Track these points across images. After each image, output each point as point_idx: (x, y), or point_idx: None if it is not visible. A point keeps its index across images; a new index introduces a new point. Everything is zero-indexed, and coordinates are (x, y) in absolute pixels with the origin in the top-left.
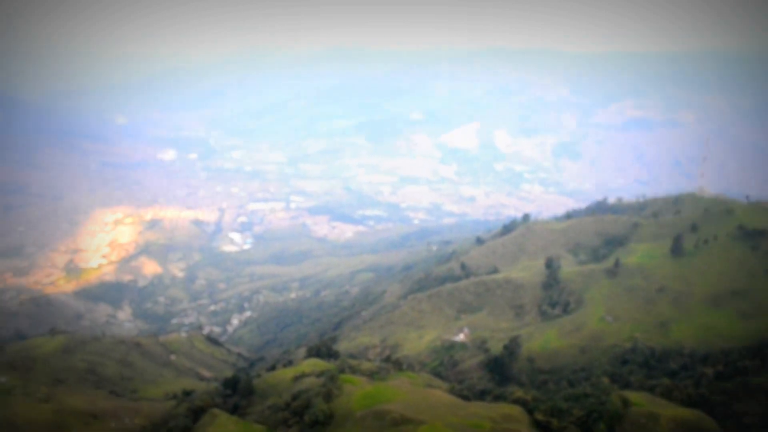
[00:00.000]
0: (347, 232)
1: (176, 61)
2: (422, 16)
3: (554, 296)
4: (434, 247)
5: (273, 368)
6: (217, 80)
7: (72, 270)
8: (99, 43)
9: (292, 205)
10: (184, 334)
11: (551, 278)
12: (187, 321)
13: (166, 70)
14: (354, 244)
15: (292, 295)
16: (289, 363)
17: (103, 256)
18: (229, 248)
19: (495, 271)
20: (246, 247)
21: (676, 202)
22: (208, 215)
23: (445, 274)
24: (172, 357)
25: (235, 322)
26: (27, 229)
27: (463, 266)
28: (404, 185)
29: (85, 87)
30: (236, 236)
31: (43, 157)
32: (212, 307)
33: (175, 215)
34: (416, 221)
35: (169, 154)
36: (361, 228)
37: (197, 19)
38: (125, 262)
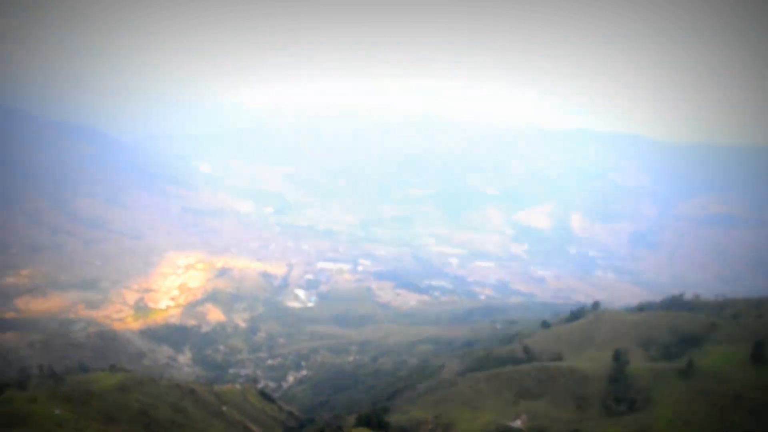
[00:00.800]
0: (411, 300)
1: (264, 116)
2: (512, 90)
3: (620, 392)
4: (498, 326)
5: None
6: (300, 138)
7: (141, 308)
8: (194, 92)
9: (360, 268)
10: (238, 386)
11: (618, 372)
12: (243, 372)
13: (254, 125)
14: (417, 314)
15: (350, 359)
16: (339, 429)
17: (172, 299)
18: (293, 304)
19: (559, 358)
20: (310, 304)
21: (759, 305)
22: (277, 269)
23: (506, 355)
24: (224, 408)
25: (290, 379)
26: (104, 264)
27: (526, 349)
28: (473, 259)
29: (176, 132)
30: (301, 293)
31: (127, 196)
32: (270, 361)
33: (245, 266)
34: (482, 297)
35: (246, 206)
36: (425, 298)
37: (292, 76)
38: (192, 306)
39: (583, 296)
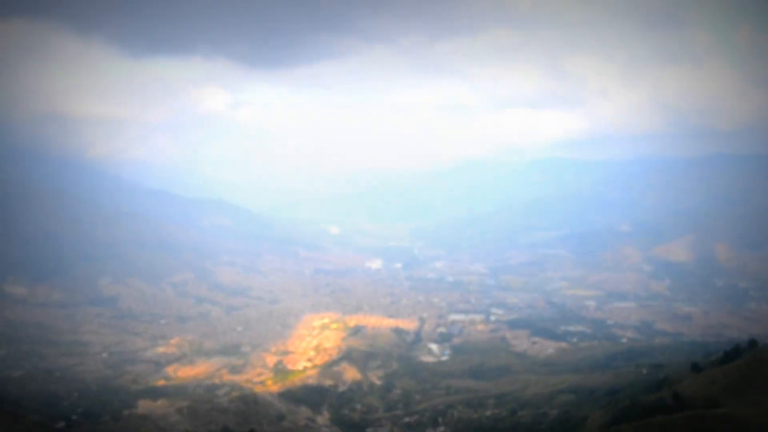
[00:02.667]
0: (548, 348)
1: (389, 175)
2: (640, 120)
3: None
4: (644, 371)
5: None
6: (426, 193)
7: (280, 371)
8: (316, 160)
9: (492, 318)
10: None
11: None
12: (380, 431)
13: (380, 183)
14: (555, 362)
15: (488, 413)
16: None
17: (308, 359)
18: (427, 359)
19: (715, 404)
20: (444, 358)
21: None
22: (409, 324)
23: (655, 403)
24: None
25: None
26: (245, 329)
27: (676, 396)
28: (611, 300)
29: (306, 200)
30: (435, 347)
31: (263, 263)
32: (406, 419)
33: (378, 323)
34: (624, 340)
35: (376, 263)
36: (563, 344)
37: (422, 134)
38: (328, 366)
39: (737, 332)
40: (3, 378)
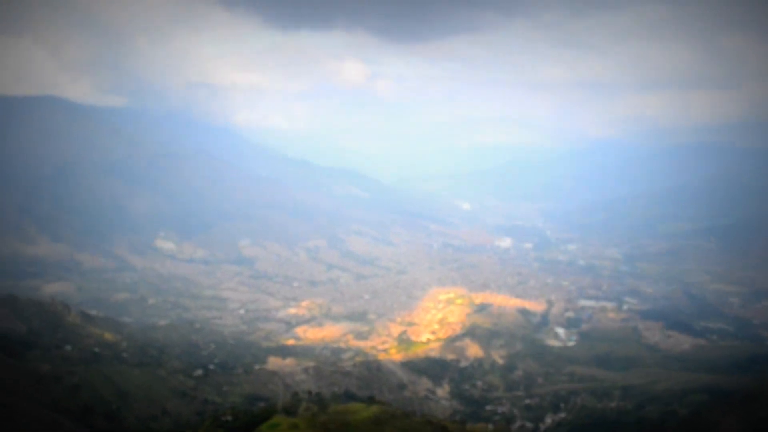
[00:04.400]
0: (684, 343)
1: (520, 152)
2: None
3: None
4: None
5: None
6: (557, 172)
7: (403, 341)
8: (451, 135)
9: (625, 306)
10: (491, 426)
11: None
12: (500, 410)
13: (513, 161)
14: (689, 358)
15: (612, 404)
16: None
17: (432, 332)
18: (552, 342)
19: None
20: (570, 344)
21: None
22: (536, 306)
23: None
24: None
25: (548, 421)
26: (372, 297)
27: None
28: (758, 299)
29: (437, 174)
30: (561, 331)
31: (394, 235)
32: (527, 401)
33: (503, 302)
34: None
35: (505, 242)
36: (700, 341)
37: (552, 116)
38: (450, 341)
39: None
40: (151, 325)
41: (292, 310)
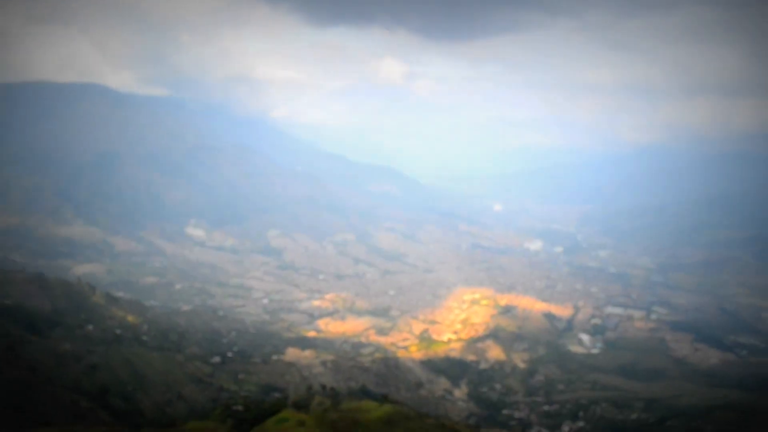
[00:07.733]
0: (712, 357)
1: (561, 155)
2: None
3: None
4: None
5: None
6: (599, 177)
7: (425, 339)
8: (488, 135)
9: (653, 316)
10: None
11: None
12: (517, 415)
13: (551, 164)
14: (717, 373)
15: (633, 416)
16: None
17: (454, 332)
18: (576, 349)
19: None
20: (594, 351)
21: None
22: (562, 311)
23: None
24: None
25: (565, 429)
26: (396, 294)
27: None
28: None
29: (475, 175)
30: (586, 338)
31: (423, 232)
32: (545, 407)
33: (529, 305)
34: None
35: (535, 245)
36: (730, 356)
37: (600, 115)
38: (472, 341)
39: None
40: (175, 309)
41: (316, 303)
